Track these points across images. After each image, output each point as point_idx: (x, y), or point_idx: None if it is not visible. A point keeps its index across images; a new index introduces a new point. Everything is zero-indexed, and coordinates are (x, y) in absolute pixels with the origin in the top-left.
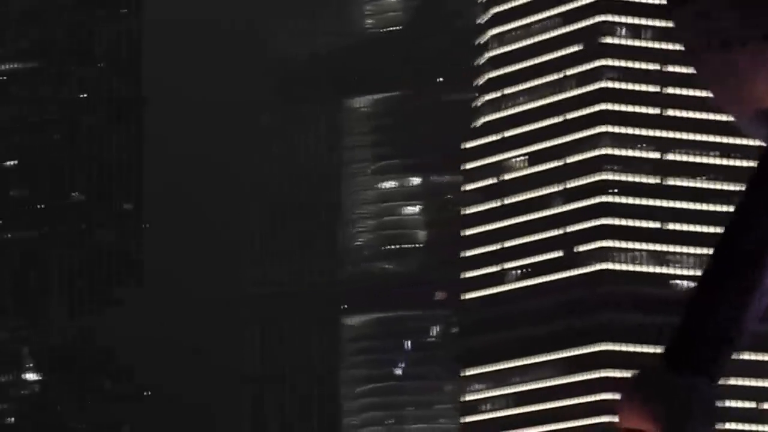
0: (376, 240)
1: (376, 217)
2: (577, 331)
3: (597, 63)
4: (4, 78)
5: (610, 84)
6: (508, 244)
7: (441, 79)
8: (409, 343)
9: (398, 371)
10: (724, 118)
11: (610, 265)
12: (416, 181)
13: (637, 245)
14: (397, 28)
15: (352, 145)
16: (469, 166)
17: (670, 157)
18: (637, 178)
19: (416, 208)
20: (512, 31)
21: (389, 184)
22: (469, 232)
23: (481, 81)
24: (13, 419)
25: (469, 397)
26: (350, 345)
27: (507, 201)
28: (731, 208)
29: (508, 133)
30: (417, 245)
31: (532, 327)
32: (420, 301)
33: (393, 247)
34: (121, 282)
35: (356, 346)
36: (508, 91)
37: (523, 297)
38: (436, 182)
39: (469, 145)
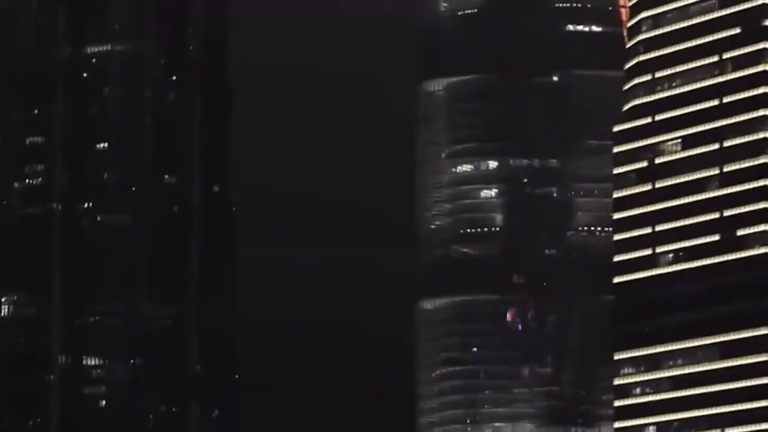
0: (453, 223)
1: (452, 201)
2: (738, 316)
3: (759, 46)
4: (98, 60)
5: None
6: (660, 227)
7: (519, 61)
8: (487, 326)
9: (475, 355)
10: None
11: None
12: (493, 164)
13: None
14: (473, 11)
15: (427, 129)
16: (619, 149)
17: None
18: None
19: (493, 192)
20: (666, 13)
21: (466, 168)
22: (620, 215)
23: (630, 63)
24: (104, 403)
25: (621, 381)
26: (427, 329)
27: (659, 184)
28: None
29: (660, 117)
30: (494, 229)
31: (689, 311)
32: (497, 285)
33: (470, 230)
34: (215, 266)
35: (433, 330)
36: (660, 74)
37: (678, 281)
38: (513, 166)
39: (619, 128)
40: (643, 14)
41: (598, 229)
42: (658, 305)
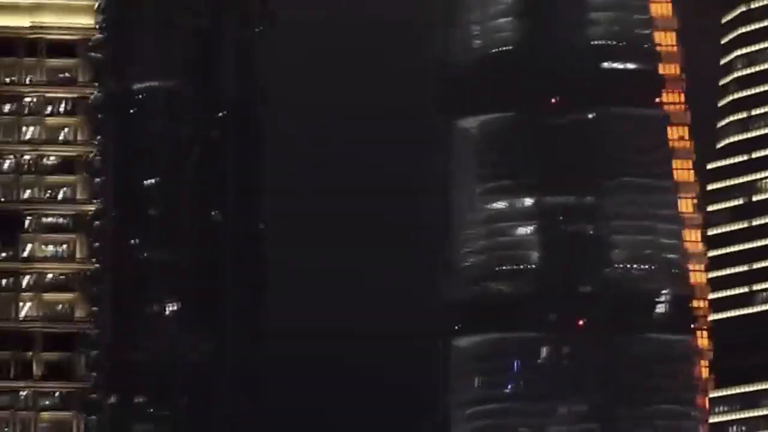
0: (487, 261)
1: (487, 238)
2: None
3: None
4: (143, 96)
5: None
6: (756, 265)
7: (554, 99)
8: (520, 364)
9: (509, 392)
10: None
11: None
12: (529, 201)
13: None
14: (507, 47)
15: (461, 166)
16: (713, 186)
17: None
18: None
19: (528, 229)
20: (761, 51)
21: (500, 205)
22: (714, 252)
23: (724, 101)
24: None
25: (716, 419)
26: (461, 366)
27: (756, 222)
28: None
29: (756, 154)
30: (530, 266)
31: None
32: (532, 323)
33: (505, 267)
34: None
35: (467, 366)
36: (756, 111)
37: None
38: (549, 203)
39: (713, 165)
40: (737, 52)
41: (635, 266)
42: (755, 343)
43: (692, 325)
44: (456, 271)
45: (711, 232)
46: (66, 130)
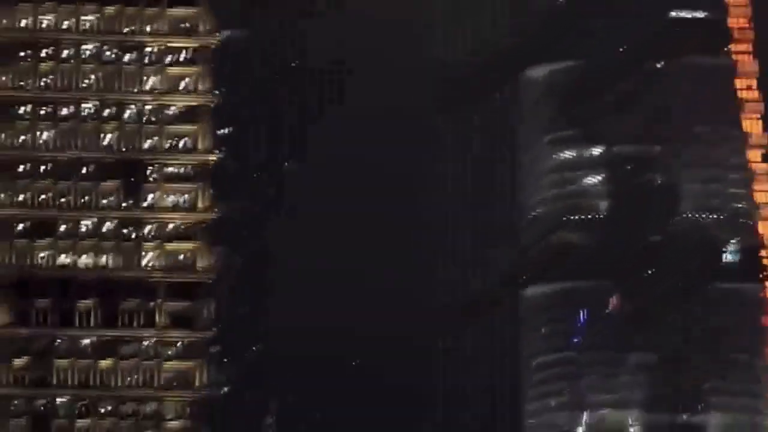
0: (556, 210)
1: (555, 187)
2: None
3: None
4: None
5: None
6: None
7: (623, 48)
8: (588, 313)
9: (577, 341)
10: None
11: None
12: (597, 151)
13: None
14: None
15: (529, 116)
16: None
17: None
18: None
19: (597, 179)
20: None
21: (568, 154)
22: None
23: None
24: None
25: None
26: (528, 316)
27: None
28: None
29: None
30: (598, 215)
31: None
32: (601, 272)
33: (574, 217)
34: None
35: (534, 316)
36: None
37: None
38: (617, 152)
39: None
40: None
41: (703, 215)
42: None
43: (761, 275)
44: (524, 221)
45: None
46: (186, 80)
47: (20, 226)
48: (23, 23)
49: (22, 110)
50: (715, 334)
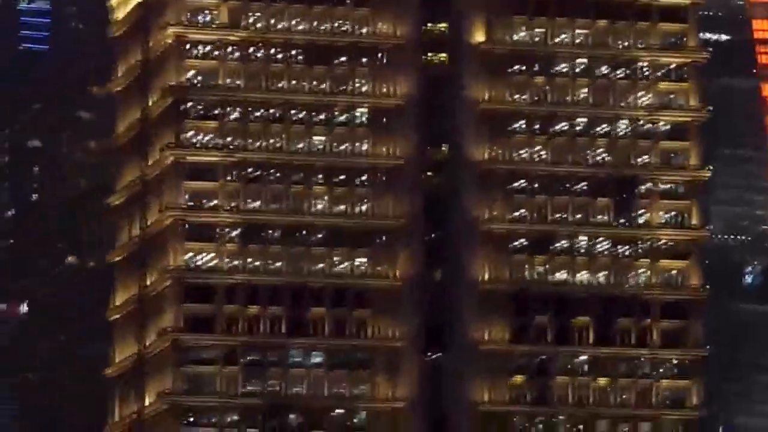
0: None
1: None
2: None
3: None
4: None
5: None
6: None
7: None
8: None
9: None
10: None
11: None
12: None
13: None
14: None
15: None
16: None
17: None
18: None
19: None
20: None
21: None
22: None
23: None
24: None
25: None
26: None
27: None
28: None
29: None
30: None
31: None
32: None
33: None
34: None
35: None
36: None
37: None
38: None
39: None
40: None
41: (731, 237)
42: None
43: None
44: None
45: None
46: (672, 95)
47: (517, 242)
48: (516, 37)
49: (516, 125)
50: (739, 356)
